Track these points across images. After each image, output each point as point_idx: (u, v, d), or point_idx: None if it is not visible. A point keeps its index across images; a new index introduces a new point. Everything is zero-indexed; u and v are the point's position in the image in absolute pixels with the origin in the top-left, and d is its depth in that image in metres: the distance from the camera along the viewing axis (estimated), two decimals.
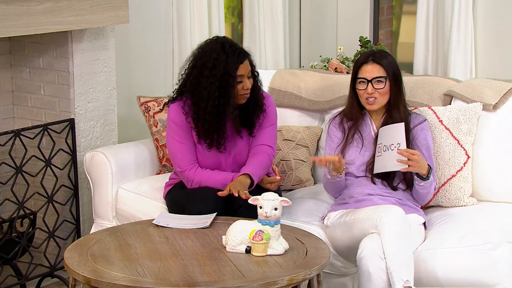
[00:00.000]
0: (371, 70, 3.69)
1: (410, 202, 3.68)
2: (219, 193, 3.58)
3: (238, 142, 3.81)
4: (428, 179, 3.60)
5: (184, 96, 3.78)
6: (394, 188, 3.68)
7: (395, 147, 3.54)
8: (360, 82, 3.70)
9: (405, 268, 3.28)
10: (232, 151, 3.81)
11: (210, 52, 3.68)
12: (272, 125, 3.85)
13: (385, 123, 3.70)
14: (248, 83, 3.70)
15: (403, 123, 3.58)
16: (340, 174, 3.68)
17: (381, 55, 3.72)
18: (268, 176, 3.81)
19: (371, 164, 3.69)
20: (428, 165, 3.60)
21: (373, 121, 3.77)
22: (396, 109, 3.70)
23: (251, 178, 3.65)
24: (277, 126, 3.92)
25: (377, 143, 3.65)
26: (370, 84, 3.67)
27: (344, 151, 3.77)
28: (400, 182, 3.69)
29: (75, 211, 4.30)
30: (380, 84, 3.67)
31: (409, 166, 3.52)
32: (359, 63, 3.74)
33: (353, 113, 3.79)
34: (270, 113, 3.85)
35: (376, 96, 3.68)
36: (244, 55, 3.70)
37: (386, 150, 3.57)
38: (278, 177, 3.76)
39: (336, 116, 3.86)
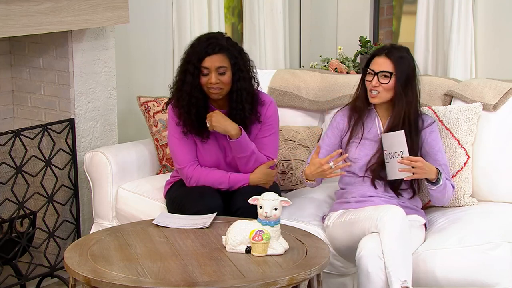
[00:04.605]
0: (380, 63, 3.62)
1: (411, 204, 3.67)
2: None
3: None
4: (438, 183, 3.56)
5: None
6: (398, 194, 3.66)
7: (399, 155, 3.53)
8: (369, 73, 3.64)
9: (403, 268, 3.28)
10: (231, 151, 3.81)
11: (191, 41, 3.77)
12: (273, 134, 3.82)
13: (391, 125, 3.64)
14: (213, 78, 3.65)
15: (402, 131, 3.53)
16: (310, 181, 3.70)
17: (396, 51, 3.63)
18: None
19: (373, 165, 3.66)
20: (437, 168, 3.56)
21: (381, 120, 3.71)
22: (403, 111, 3.61)
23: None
24: (279, 133, 3.90)
25: (383, 149, 3.62)
26: (376, 76, 3.62)
27: (347, 147, 3.73)
28: (406, 188, 3.66)
29: (75, 211, 4.29)
30: (385, 79, 3.59)
31: (414, 173, 3.51)
32: (373, 53, 3.69)
33: (359, 105, 3.71)
34: (272, 121, 3.81)
35: (379, 90, 3.61)
36: (214, 49, 3.64)
37: (392, 157, 3.56)
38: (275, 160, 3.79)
39: (344, 107, 3.80)
